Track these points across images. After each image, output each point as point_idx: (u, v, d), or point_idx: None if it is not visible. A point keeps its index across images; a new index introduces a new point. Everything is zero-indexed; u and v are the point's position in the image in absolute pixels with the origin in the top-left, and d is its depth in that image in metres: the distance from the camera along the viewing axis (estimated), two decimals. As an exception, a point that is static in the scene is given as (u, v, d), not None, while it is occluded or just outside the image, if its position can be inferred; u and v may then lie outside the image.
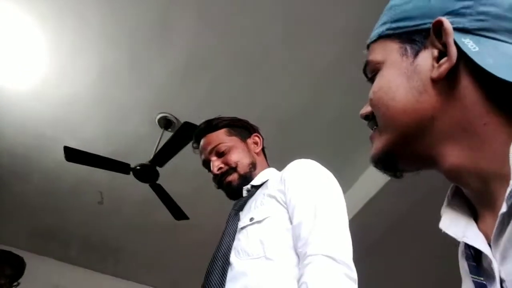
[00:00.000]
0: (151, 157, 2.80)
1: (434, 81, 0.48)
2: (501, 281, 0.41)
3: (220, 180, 1.36)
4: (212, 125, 1.45)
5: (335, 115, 2.73)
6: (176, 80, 2.68)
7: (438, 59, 0.48)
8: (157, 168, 2.82)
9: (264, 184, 1.30)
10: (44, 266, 4.31)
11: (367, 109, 0.57)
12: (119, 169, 2.86)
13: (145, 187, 3.00)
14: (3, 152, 3.36)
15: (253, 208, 1.21)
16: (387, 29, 0.54)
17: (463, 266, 0.51)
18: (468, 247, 0.48)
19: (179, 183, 3.27)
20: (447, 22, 0.47)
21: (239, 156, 1.36)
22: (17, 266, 2.17)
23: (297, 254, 1.07)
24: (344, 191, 3.32)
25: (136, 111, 2.92)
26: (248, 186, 1.33)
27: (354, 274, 0.96)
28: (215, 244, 1.62)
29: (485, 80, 0.45)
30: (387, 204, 2.88)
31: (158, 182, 2.92)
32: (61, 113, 2.99)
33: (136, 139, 3.11)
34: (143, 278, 4.68)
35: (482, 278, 0.44)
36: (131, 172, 2.84)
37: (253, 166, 1.36)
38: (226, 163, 1.35)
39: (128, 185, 3.30)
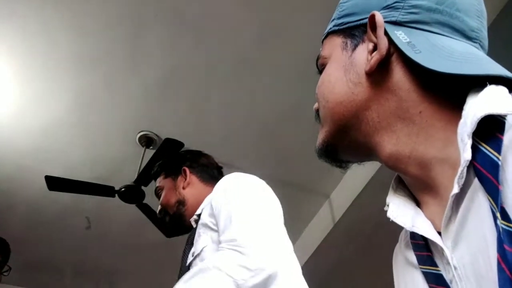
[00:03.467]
0: (135, 177, 2.77)
1: (368, 74, 0.50)
2: (454, 268, 0.41)
3: (162, 221, 1.51)
4: (153, 173, 1.63)
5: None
6: (153, 97, 2.67)
7: (372, 52, 0.50)
8: (143, 187, 2.80)
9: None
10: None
11: (316, 104, 0.59)
12: (104, 192, 2.82)
13: (133, 207, 2.97)
14: (-17, 188, 3.29)
15: (195, 242, 1.25)
16: (334, 26, 0.57)
17: (407, 258, 0.51)
18: (417, 237, 0.48)
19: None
20: (378, 15, 0.49)
21: (165, 198, 1.48)
22: (5, 250, 2.02)
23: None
24: (332, 188, 3.30)
25: (116, 132, 2.89)
26: (195, 216, 1.38)
27: (251, 264, 0.93)
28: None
29: (417, 70, 0.46)
30: (376, 198, 2.91)
31: (144, 201, 2.89)
32: (39, 142, 2.95)
33: (119, 160, 3.08)
34: (140, 299, 4.61)
35: (438, 268, 0.44)
36: (116, 195, 2.81)
37: (180, 203, 1.44)
38: (160, 206, 1.50)
39: (115, 207, 3.25)
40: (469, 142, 0.39)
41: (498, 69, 0.44)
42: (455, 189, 0.40)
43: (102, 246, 3.90)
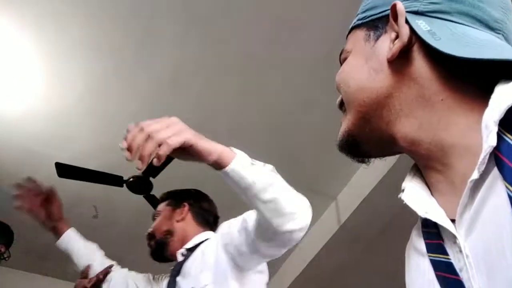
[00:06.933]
0: (144, 168, 2.78)
1: (390, 61, 0.51)
2: (466, 256, 0.41)
3: (148, 243, 1.61)
4: (163, 196, 1.74)
5: (328, 113, 2.74)
6: (165, 89, 2.68)
7: (394, 40, 0.50)
8: (151, 178, 2.81)
9: (198, 247, 1.41)
10: (41, 285, 4.24)
11: (340, 97, 0.59)
12: (112, 182, 2.84)
13: (140, 198, 2.98)
14: (-7, 171, 3.32)
15: (188, 275, 1.32)
16: (358, 20, 0.58)
17: (416, 246, 0.51)
18: (429, 225, 0.48)
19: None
20: (400, 4, 0.50)
21: (158, 224, 1.60)
22: (9, 234, 2.10)
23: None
24: (339, 189, 3.29)
25: (126, 122, 2.89)
26: (183, 250, 1.47)
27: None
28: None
29: (439, 58, 0.47)
30: (383, 201, 2.90)
31: (152, 192, 2.90)
32: (50, 128, 2.96)
33: (128, 151, 3.09)
34: (142, 291, 4.63)
35: (448, 257, 0.44)
36: (124, 185, 2.83)
37: (169, 233, 1.56)
38: (151, 229, 1.61)
39: (123, 197, 3.27)
40: (495, 129, 0.39)
41: None
42: (475, 175, 0.40)
43: (108, 235, 3.91)
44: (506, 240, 0.37)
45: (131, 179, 2.77)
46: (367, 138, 0.54)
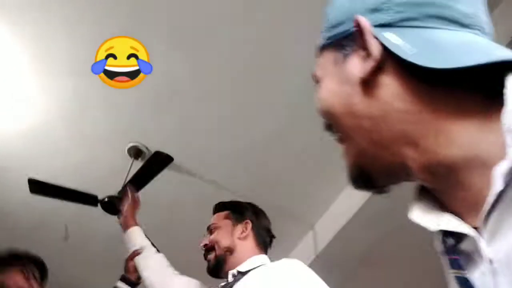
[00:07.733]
0: (121, 188, 2.72)
1: (364, 82, 0.47)
2: (490, 262, 0.39)
3: (204, 254, 1.55)
4: (219, 206, 1.67)
5: (308, 140, 2.75)
6: (146, 109, 2.66)
7: (365, 59, 0.47)
8: (127, 200, 2.74)
9: (250, 273, 1.38)
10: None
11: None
12: (86, 201, 2.76)
13: (114, 222, 2.90)
14: (-38, 187, 3.19)
15: None
16: (324, 39, 0.54)
17: (444, 262, 0.48)
18: (447, 241, 0.45)
19: (149, 215, 3.17)
20: (362, 19, 0.47)
21: (219, 237, 1.53)
22: (43, 268, 1.98)
23: None
24: (317, 218, 3.27)
25: (106, 141, 2.86)
26: (234, 272, 1.44)
27: None
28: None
29: (419, 69, 0.43)
30: (361, 231, 2.89)
31: (127, 214, 2.83)
32: (25, 146, 2.89)
33: (105, 170, 3.03)
34: (111, 318, 4.45)
35: (464, 272, 0.42)
36: (98, 205, 2.75)
37: (229, 250, 1.49)
38: (210, 241, 1.54)
39: (96, 218, 3.17)
40: None
41: (502, 54, 0.41)
42: (499, 186, 0.37)
43: (78, 259, 3.78)
44: None
45: (106, 199, 2.70)
46: (374, 167, 0.49)
